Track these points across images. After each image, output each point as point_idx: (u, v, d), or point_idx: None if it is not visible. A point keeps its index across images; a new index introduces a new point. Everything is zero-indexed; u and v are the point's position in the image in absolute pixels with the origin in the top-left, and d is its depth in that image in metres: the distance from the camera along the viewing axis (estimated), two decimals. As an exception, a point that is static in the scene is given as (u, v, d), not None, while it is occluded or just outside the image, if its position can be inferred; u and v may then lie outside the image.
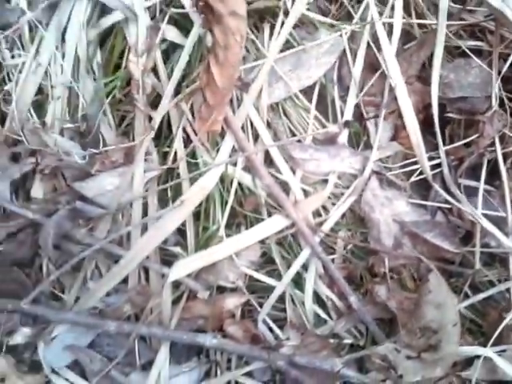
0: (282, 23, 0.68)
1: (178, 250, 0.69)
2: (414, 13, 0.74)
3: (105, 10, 0.67)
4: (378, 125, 0.71)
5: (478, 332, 0.72)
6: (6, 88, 0.65)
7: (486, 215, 0.71)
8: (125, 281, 0.69)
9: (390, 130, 0.74)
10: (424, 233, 0.69)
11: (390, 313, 0.69)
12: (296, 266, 0.69)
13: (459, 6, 0.73)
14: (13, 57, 0.65)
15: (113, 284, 0.67)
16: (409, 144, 0.72)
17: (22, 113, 0.66)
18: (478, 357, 0.68)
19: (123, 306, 0.68)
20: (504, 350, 0.67)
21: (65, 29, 0.66)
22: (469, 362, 0.69)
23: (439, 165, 0.72)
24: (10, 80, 0.66)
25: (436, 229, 0.69)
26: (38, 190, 0.67)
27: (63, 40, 0.66)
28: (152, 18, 0.66)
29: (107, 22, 0.66)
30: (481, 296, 0.69)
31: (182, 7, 0.67)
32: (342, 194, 0.71)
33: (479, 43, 0.73)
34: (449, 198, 0.68)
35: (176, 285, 0.69)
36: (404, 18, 0.73)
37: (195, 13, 0.65)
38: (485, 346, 0.68)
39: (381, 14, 0.72)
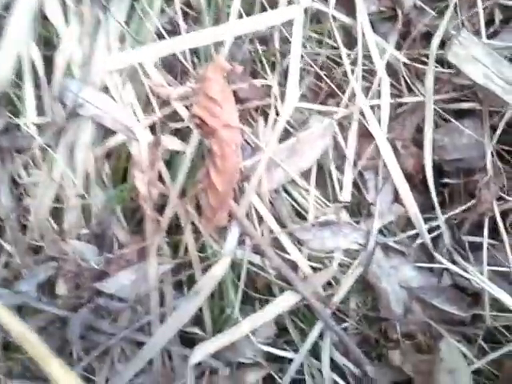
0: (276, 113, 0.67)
1: (196, 330, 0.68)
2: (403, 81, 0.71)
3: (109, 130, 0.67)
4: (378, 190, 0.69)
5: (496, 381, 0.69)
6: (24, 204, 0.66)
7: (492, 271, 0.68)
8: (151, 361, 0.68)
9: (391, 193, 0.71)
10: (431, 299, 0.66)
11: (406, 375, 0.67)
12: (311, 338, 0.67)
13: (448, 71, 0.69)
14: (28, 175, 0.66)
15: (138, 367, 0.67)
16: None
17: (41, 222, 0.67)
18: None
19: (151, 386, 0.68)
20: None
21: (73, 147, 0.67)
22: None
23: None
24: (28, 195, 0.66)
25: (443, 294, 0.66)
26: (62, 288, 0.67)
27: (73, 157, 0.67)
28: (154, 131, 0.66)
29: (111, 143, 0.67)
30: (494, 355, 0.66)
31: (181, 118, 0.67)
32: (351, 263, 0.69)
33: (470, 104, 0.69)
34: (453, 267, 0.65)
35: (198, 362, 0.68)
36: (392, 86, 0.70)
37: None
38: (503, 400, 0.65)
39: (368, 88, 0.69)
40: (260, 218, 0.68)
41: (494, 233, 0.69)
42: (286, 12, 0.67)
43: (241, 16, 0.68)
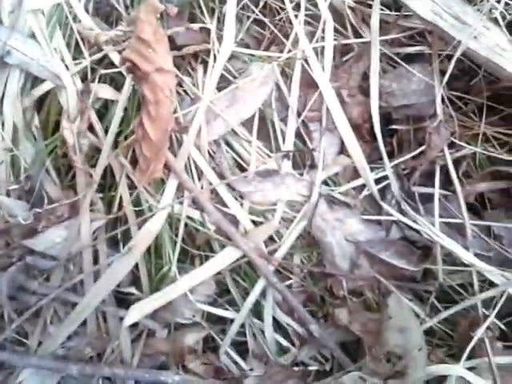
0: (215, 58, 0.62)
1: (132, 290, 0.63)
2: (350, 25, 0.66)
3: (38, 78, 0.62)
4: (322, 142, 0.64)
5: (450, 341, 0.63)
6: None
7: (445, 223, 0.63)
8: (85, 323, 0.63)
9: (337, 144, 0.65)
10: (379, 252, 0.60)
11: (353, 335, 0.61)
12: (253, 296, 0.61)
13: (394, 13, 0.64)
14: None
15: (72, 329, 0.62)
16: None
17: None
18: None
19: (84, 348, 0.63)
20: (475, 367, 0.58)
21: (2, 99, 0.62)
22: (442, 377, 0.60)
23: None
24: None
25: (391, 247, 0.60)
26: (-9, 247, 0.63)
27: (1, 109, 0.62)
28: (85, 79, 0.61)
29: (39, 91, 0.62)
30: (447, 313, 0.60)
31: (113, 63, 0.62)
32: (295, 217, 0.63)
33: (419, 48, 0.64)
34: (402, 218, 0.59)
35: (135, 324, 0.62)
36: (338, 32, 0.65)
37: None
38: (456, 358, 0.59)
39: (313, 33, 0.64)
40: (199, 172, 0.63)
41: (446, 183, 0.64)
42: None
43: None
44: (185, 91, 0.65)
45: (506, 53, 0.57)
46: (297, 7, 0.65)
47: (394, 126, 0.63)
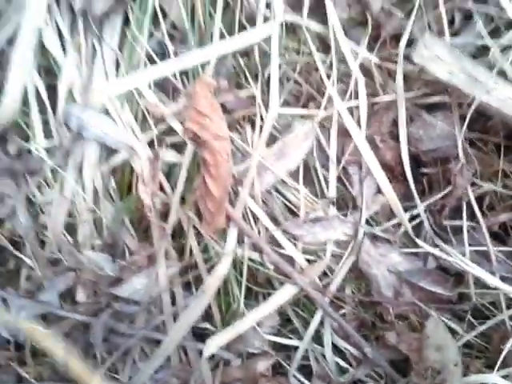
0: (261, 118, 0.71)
1: (207, 325, 0.72)
2: (377, 80, 0.74)
3: (112, 148, 0.71)
4: (362, 184, 0.73)
5: (487, 353, 0.71)
6: (41, 221, 0.71)
7: (474, 251, 0.71)
8: (168, 357, 0.71)
9: (374, 184, 0.74)
10: (418, 281, 0.69)
11: (402, 354, 0.70)
12: (313, 325, 0.71)
13: (418, 68, 0.72)
14: (42, 194, 0.70)
15: (158, 363, 0.70)
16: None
17: (58, 237, 0.71)
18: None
19: (170, 379, 0.72)
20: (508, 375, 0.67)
21: (80, 167, 0.71)
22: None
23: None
24: (43, 213, 0.71)
25: (428, 277, 0.69)
26: (81, 295, 0.72)
27: (81, 175, 0.71)
28: (152, 146, 0.71)
29: (116, 160, 0.72)
30: (481, 328, 0.69)
31: (176, 133, 0.71)
32: (343, 253, 0.72)
33: (440, 97, 0.72)
34: (434, 252, 0.68)
35: (212, 355, 0.71)
36: (366, 85, 0.73)
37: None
38: (493, 368, 0.68)
39: (345, 90, 0.72)
40: (255, 218, 0.72)
41: (473, 215, 0.72)
42: (263, 29, 0.70)
43: (222, 35, 0.72)
44: (236, 148, 0.74)
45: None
46: (330, 66, 0.74)
47: (424, 170, 0.71)
